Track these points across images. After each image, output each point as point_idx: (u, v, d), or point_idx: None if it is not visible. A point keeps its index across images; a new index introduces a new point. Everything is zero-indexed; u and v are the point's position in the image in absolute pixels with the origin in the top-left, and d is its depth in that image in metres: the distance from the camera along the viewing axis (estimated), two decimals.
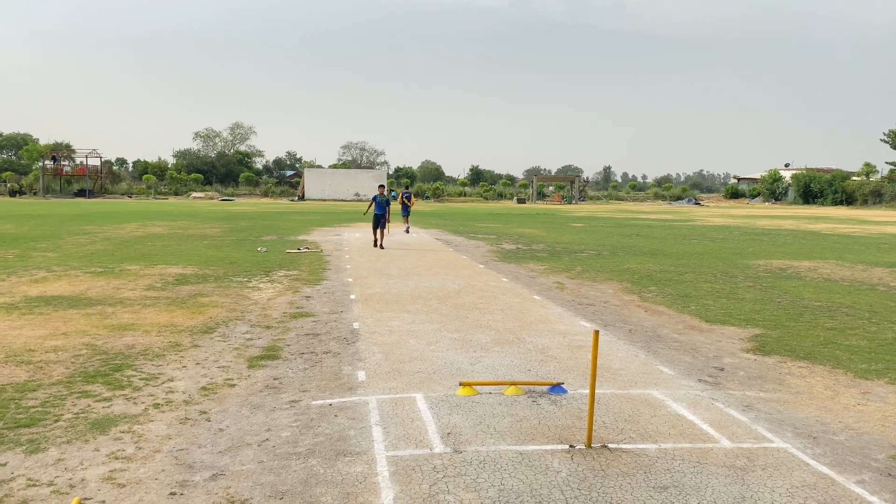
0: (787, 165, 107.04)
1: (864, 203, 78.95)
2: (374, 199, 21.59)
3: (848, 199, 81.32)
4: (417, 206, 64.90)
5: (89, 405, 6.34)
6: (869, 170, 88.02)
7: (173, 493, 4.64)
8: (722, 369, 8.04)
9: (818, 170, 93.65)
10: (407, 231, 27.73)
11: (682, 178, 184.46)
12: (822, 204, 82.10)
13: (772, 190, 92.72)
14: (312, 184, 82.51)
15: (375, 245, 21.24)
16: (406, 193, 29.39)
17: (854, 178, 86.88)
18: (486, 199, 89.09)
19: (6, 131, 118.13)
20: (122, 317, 10.27)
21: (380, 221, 21.37)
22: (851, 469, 5.26)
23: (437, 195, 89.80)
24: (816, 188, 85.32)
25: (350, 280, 14.46)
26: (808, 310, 11.79)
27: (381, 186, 22.78)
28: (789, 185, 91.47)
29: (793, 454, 5.52)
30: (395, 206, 29.01)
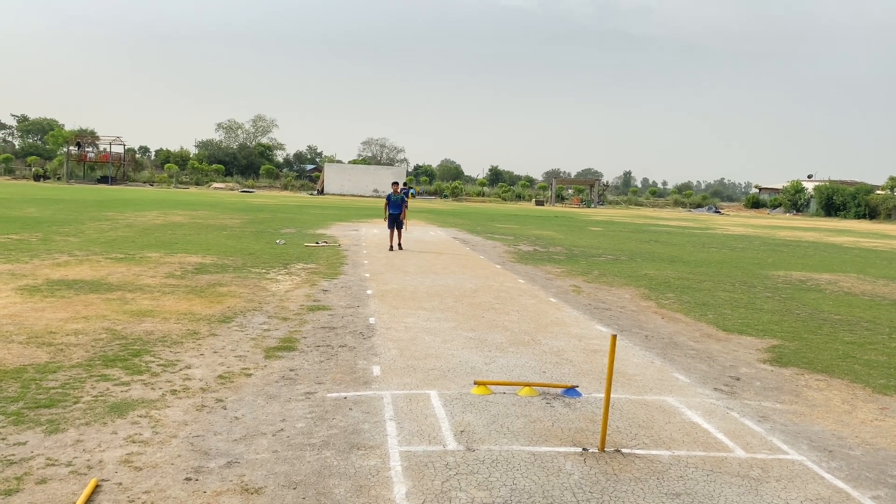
0: (809, 177, 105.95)
1: (888, 217, 77.95)
2: (389, 198, 20.16)
3: (871, 213, 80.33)
4: (435, 204, 64.98)
5: (108, 388, 6.43)
6: (893, 184, 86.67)
7: (188, 479, 4.70)
8: (738, 379, 7.99)
9: (841, 182, 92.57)
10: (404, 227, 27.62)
11: (703, 186, 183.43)
12: (845, 217, 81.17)
13: (793, 201, 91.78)
14: (332, 178, 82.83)
15: (391, 249, 19.90)
16: (405, 190, 29.66)
17: (878, 191, 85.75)
18: (504, 199, 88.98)
19: (33, 116, 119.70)
20: (142, 303, 10.39)
21: (395, 221, 20.01)
22: (867, 484, 5.22)
23: (455, 194, 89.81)
24: (839, 201, 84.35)
25: (367, 275, 14.51)
26: (827, 322, 11.68)
27: (395, 184, 20.87)
28: (811, 196, 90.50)
29: (808, 467, 5.48)
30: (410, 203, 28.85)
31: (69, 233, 20.21)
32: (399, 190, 20.59)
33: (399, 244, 20.18)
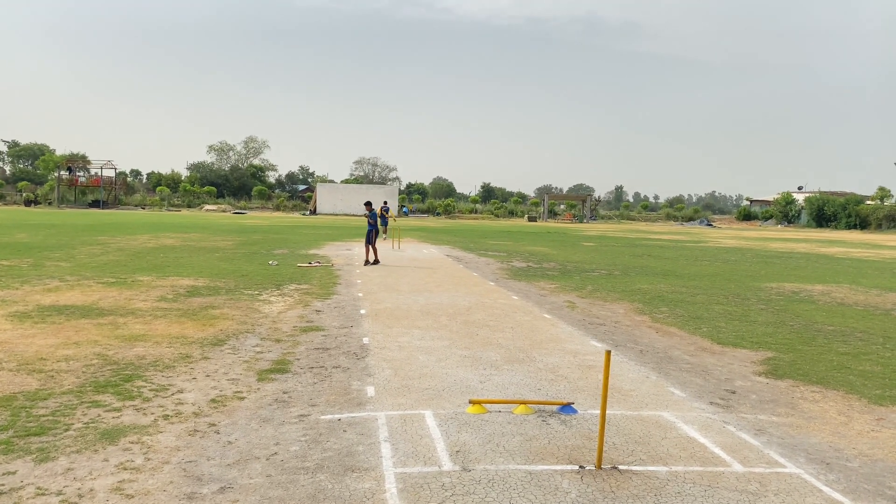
0: (800, 188, 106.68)
1: (879, 227, 78.41)
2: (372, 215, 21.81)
3: (862, 224, 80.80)
4: (428, 222, 65.10)
5: (99, 415, 6.36)
6: (883, 194, 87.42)
7: None
8: (734, 392, 7.97)
9: (832, 193, 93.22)
10: (384, 238, 31.84)
11: (695, 200, 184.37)
12: (836, 228, 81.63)
13: (785, 212, 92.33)
14: (324, 198, 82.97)
15: (366, 263, 21.05)
16: (385, 207, 34.70)
17: (868, 202, 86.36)
18: (497, 216, 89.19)
19: (24, 141, 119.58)
20: (134, 327, 10.32)
21: (369, 237, 21.47)
22: (865, 496, 5.19)
23: (448, 211, 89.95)
24: (830, 211, 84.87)
25: (360, 295, 14.47)
26: (821, 334, 11.69)
27: (367, 204, 22.51)
28: (802, 208, 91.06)
29: (805, 480, 5.46)
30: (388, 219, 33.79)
31: (60, 258, 20.11)
32: (371, 209, 21.93)
33: (375, 259, 21.18)
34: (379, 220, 29.69)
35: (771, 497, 5.10)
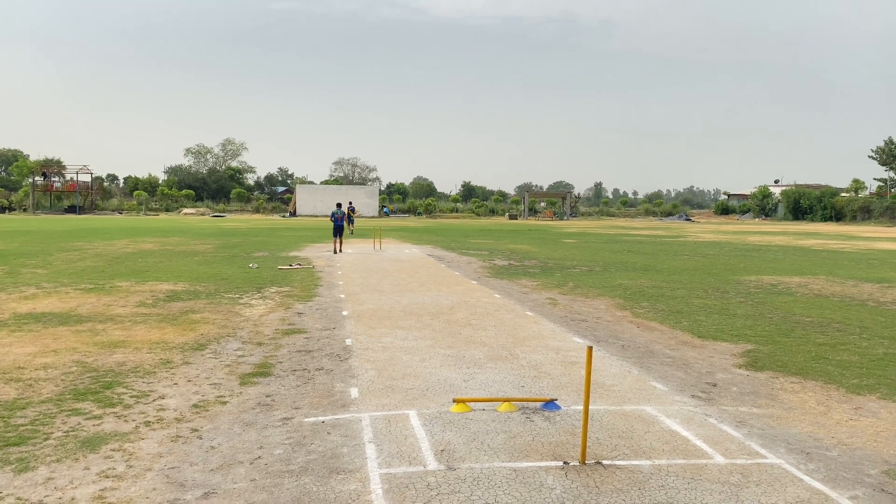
0: (776, 182, 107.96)
1: (853, 219, 79.53)
2: (333, 215, 26.32)
3: (837, 216, 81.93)
4: (409, 222, 65.11)
5: (79, 423, 6.29)
6: (857, 186, 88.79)
7: None
8: (715, 385, 8.05)
9: (807, 186, 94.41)
10: (350, 232, 38.69)
11: (673, 195, 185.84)
12: (812, 220, 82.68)
13: (762, 206, 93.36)
14: (304, 200, 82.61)
15: (335, 252, 25.07)
16: (351, 207, 41.36)
17: (843, 194, 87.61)
18: (477, 214, 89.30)
19: None
20: (113, 334, 10.21)
21: (339, 231, 25.95)
22: (845, 485, 5.27)
23: (429, 211, 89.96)
24: (806, 204, 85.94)
25: (342, 296, 14.43)
26: (799, 325, 11.84)
27: (339, 204, 28.41)
28: (779, 201, 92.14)
29: (786, 470, 5.53)
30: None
31: (36, 265, 19.84)
32: (339, 207, 27.02)
33: (340, 249, 25.47)
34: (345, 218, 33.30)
35: (753, 488, 5.16)
